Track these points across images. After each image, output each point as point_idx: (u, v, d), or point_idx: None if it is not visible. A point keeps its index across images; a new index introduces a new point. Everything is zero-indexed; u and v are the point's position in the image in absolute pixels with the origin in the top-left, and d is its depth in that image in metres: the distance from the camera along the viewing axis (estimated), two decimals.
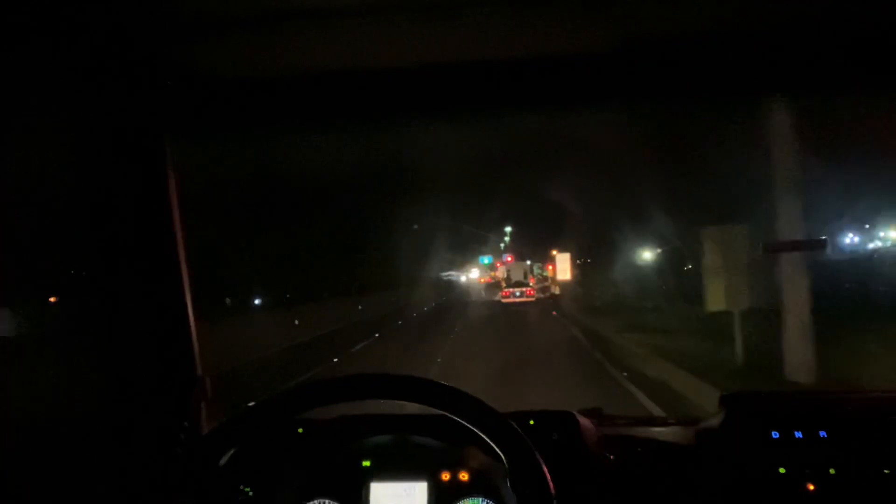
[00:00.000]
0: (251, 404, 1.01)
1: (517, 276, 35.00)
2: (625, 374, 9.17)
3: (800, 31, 1.16)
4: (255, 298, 19.00)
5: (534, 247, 45.15)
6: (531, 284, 32.33)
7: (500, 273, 45.84)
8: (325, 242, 24.83)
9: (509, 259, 47.40)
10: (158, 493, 1.01)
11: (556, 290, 33.50)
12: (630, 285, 21.71)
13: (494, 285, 45.14)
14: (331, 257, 25.67)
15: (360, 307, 22.74)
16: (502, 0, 1.07)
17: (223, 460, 0.98)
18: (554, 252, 39.31)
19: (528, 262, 36.82)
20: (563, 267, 33.88)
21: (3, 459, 1.10)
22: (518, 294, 28.94)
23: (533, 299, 28.61)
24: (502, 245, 57.24)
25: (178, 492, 0.96)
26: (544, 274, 41.61)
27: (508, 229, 59.22)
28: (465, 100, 1.34)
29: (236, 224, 15.80)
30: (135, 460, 1.21)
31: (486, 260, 58.44)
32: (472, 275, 58.32)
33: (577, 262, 33.94)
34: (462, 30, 1.15)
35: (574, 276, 32.79)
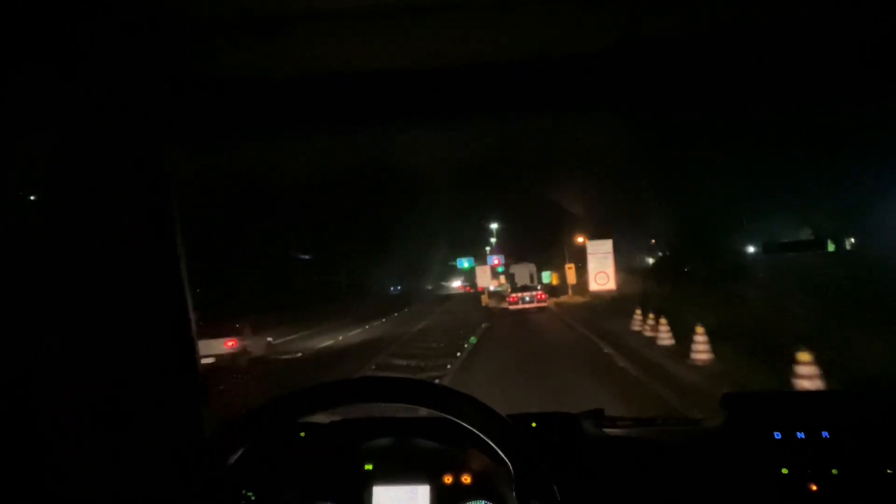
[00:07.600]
0: (253, 408, 1.03)
1: (523, 279, 30.77)
2: None
3: (803, 32, 1.22)
4: None
5: (526, 248, 38.31)
6: (539, 288, 28.06)
7: (482, 279, 39.03)
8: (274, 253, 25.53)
9: (496, 262, 40.96)
10: (161, 498, 1.06)
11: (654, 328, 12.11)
12: None
13: (476, 297, 38.43)
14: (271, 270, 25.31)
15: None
16: (499, 1, 1.11)
17: (226, 464, 1.01)
18: (580, 238, 26.88)
19: (534, 265, 31.00)
20: (599, 267, 22.10)
21: (3, 460, 1.13)
22: (528, 299, 25.89)
23: (545, 304, 25.68)
24: (488, 248, 49.72)
25: (181, 496, 1.00)
26: (546, 282, 34.48)
27: (494, 226, 50.79)
28: (465, 101, 1.41)
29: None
30: (136, 464, 1.23)
31: (465, 263, 49.13)
32: (454, 284, 51.67)
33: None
34: (463, 31, 1.21)
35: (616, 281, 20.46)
